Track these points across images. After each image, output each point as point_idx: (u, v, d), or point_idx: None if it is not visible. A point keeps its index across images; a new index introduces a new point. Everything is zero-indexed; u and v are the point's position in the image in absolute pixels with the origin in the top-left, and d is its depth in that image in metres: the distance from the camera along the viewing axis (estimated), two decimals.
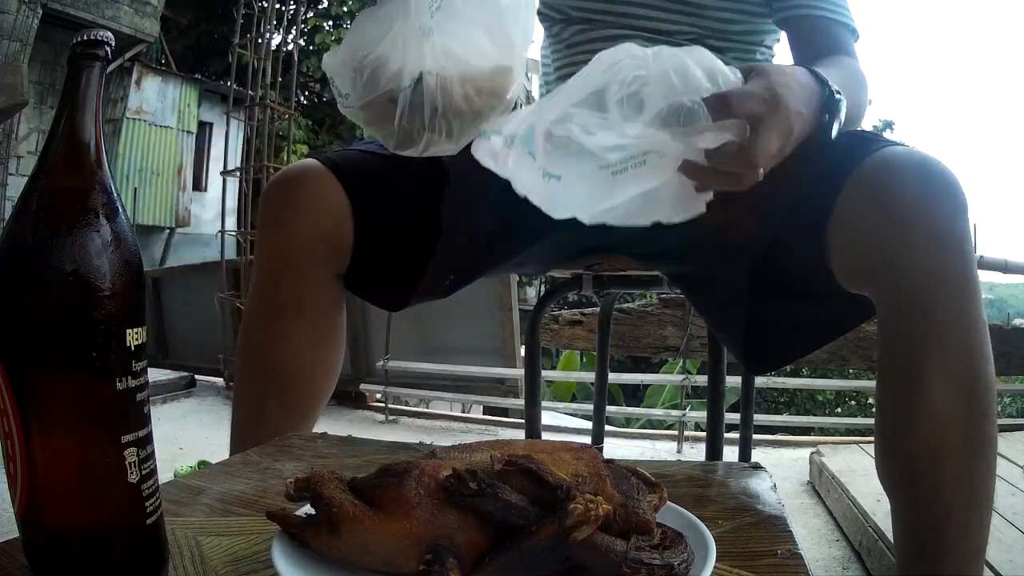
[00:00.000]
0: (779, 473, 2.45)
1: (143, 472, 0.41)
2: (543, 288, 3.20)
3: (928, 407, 0.70)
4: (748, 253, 0.83)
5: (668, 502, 0.48)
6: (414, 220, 0.93)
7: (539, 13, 1.04)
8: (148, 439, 0.42)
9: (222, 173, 4.69)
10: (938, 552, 0.70)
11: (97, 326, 0.39)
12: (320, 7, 10.68)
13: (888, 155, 0.75)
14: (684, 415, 3.21)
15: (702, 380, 3.20)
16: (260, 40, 4.43)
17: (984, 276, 3.62)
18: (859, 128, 0.86)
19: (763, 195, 0.81)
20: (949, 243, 0.71)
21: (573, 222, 0.97)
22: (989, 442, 0.71)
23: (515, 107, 0.74)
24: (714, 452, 1.14)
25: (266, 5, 4.38)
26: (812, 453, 2.49)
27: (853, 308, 0.80)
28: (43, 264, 0.39)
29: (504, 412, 4.13)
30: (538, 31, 1.02)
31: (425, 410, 4.08)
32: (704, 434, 1.20)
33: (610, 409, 3.65)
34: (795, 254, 0.80)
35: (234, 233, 4.51)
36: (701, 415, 3.25)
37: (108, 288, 0.40)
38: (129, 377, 0.41)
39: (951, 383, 0.70)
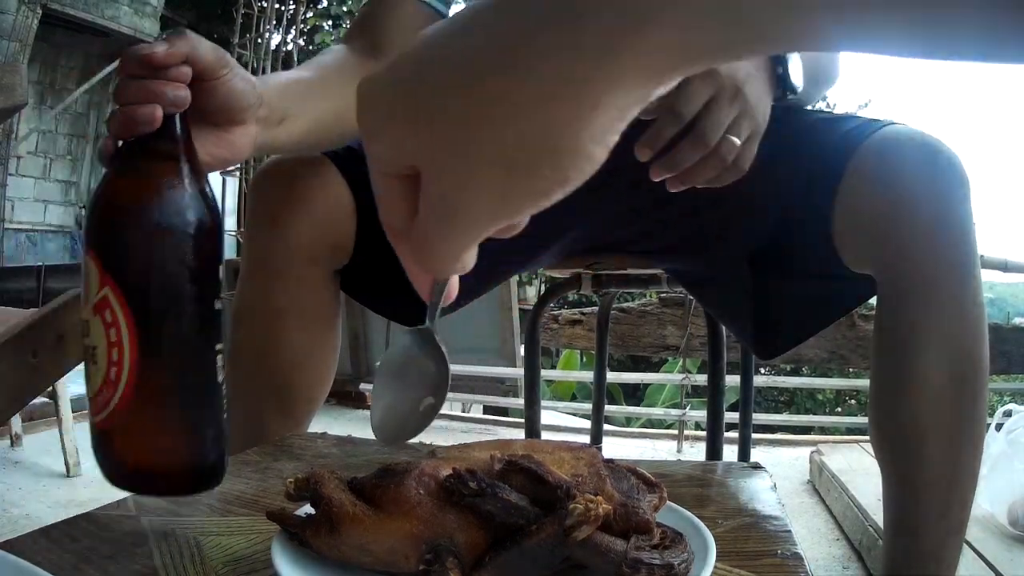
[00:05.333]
0: (779, 472, 2.44)
1: (222, 376, 0.50)
2: (543, 288, 3.21)
3: (920, 384, 0.72)
4: (750, 243, 0.83)
5: (668, 502, 0.48)
6: None
7: None
8: (222, 349, 0.51)
9: (221, 173, 4.69)
10: (918, 527, 0.72)
11: (207, 260, 0.49)
12: (320, 7, 10.66)
13: (890, 134, 0.75)
14: (684, 414, 3.21)
15: (702, 379, 3.20)
16: (260, 40, 4.43)
17: (984, 275, 3.61)
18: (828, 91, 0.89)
19: (764, 180, 0.81)
20: (951, 224, 0.71)
21: (581, 226, 0.95)
22: (978, 423, 0.72)
23: None
24: (714, 451, 1.14)
25: (266, 5, 4.38)
26: (812, 452, 2.49)
27: (858, 285, 0.80)
28: (170, 209, 0.48)
29: (504, 412, 4.13)
30: None
31: None
32: (704, 433, 1.20)
33: (610, 408, 3.65)
34: (801, 236, 0.80)
35: (234, 233, 4.51)
36: (701, 414, 3.24)
37: (214, 230, 0.50)
38: (218, 300, 0.50)
39: (944, 362, 0.71)
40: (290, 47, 4.82)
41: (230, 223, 5.03)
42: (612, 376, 4.14)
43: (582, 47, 0.25)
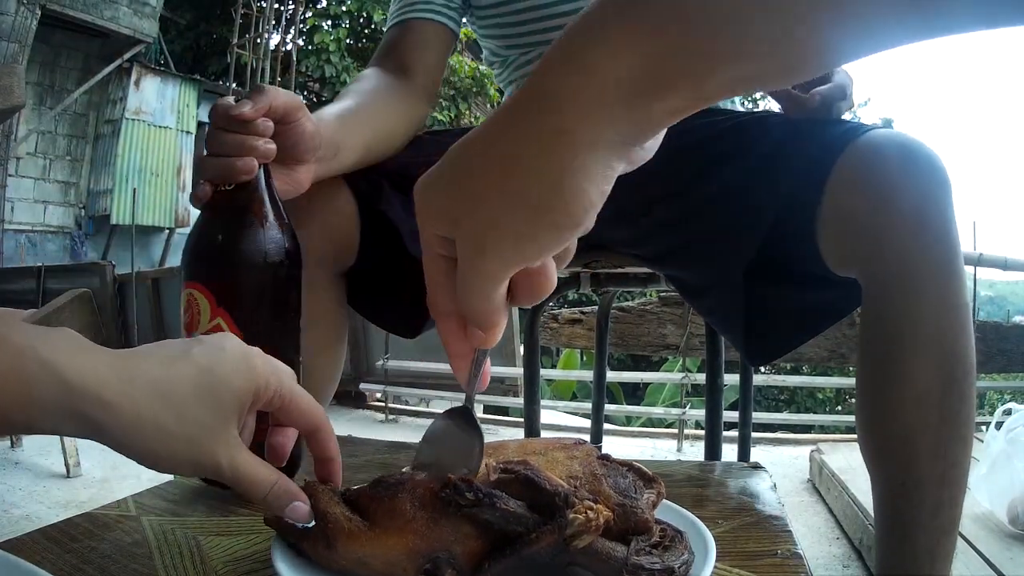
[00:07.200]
0: (779, 471, 2.45)
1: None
2: None
3: (907, 386, 0.72)
4: (742, 254, 0.83)
5: (668, 502, 0.48)
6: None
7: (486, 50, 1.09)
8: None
9: None
10: (911, 526, 0.72)
11: (298, 284, 0.61)
12: (319, 7, 10.65)
13: (872, 138, 0.76)
14: (684, 413, 3.21)
15: (702, 378, 3.19)
16: (259, 40, 4.43)
17: (984, 273, 3.62)
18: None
19: (752, 190, 0.82)
20: (932, 224, 0.72)
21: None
22: (966, 422, 0.73)
23: None
24: (713, 448, 1.14)
25: (265, 5, 4.38)
26: (812, 451, 2.49)
27: (849, 293, 0.80)
28: (272, 245, 0.59)
29: (504, 411, 4.13)
30: None
31: (425, 409, 4.08)
32: (704, 432, 1.20)
33: (610, 408, 3.65)
34: (789, 243, 0.80)
35: None
36: (701, 413, 3.22)
37: (299, 257, 0.61)
38: (296, 315, 0.62)
39: (930, 363, 0.71)
40: (289, 47, 4.82)
41: None
42: (612, 375, 4.13)
43: (562, 111, 0.33)
